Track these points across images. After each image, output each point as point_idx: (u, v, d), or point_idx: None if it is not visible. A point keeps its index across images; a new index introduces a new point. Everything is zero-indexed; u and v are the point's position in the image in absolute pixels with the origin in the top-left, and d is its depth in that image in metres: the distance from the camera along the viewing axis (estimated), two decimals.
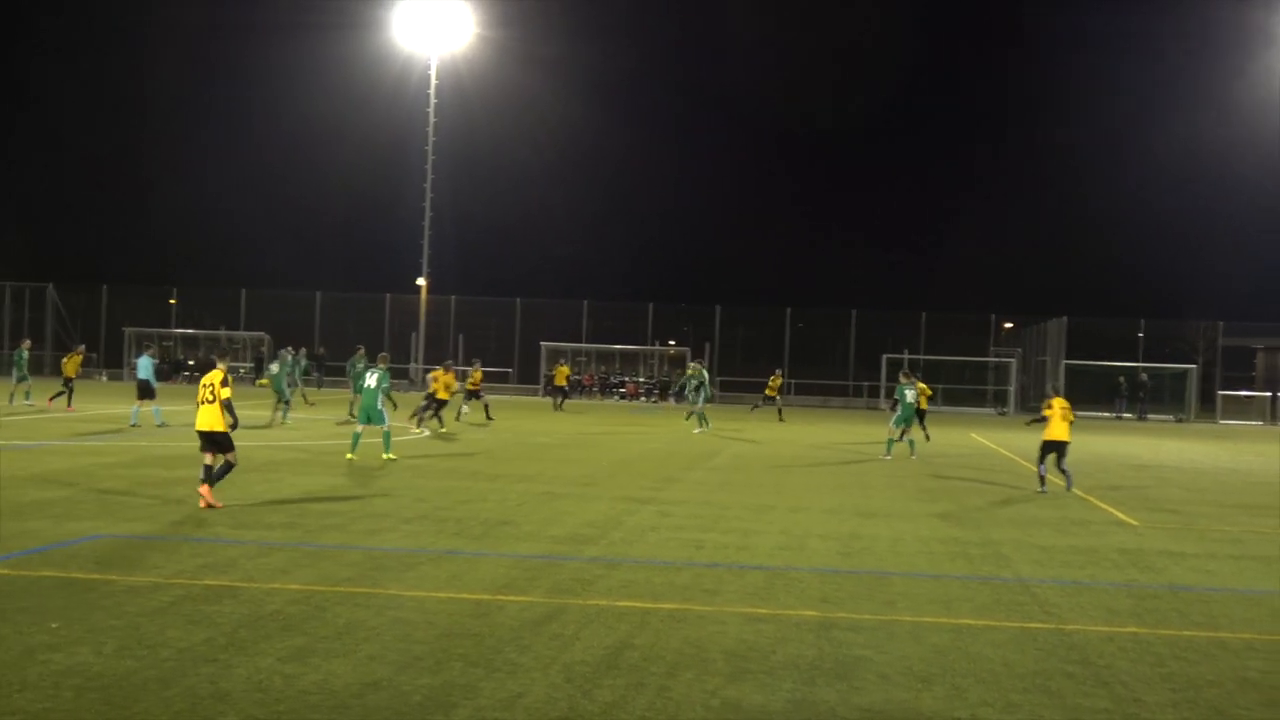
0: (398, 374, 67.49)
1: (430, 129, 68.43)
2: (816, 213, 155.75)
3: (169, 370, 65.85)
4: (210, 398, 16.89)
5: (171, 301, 75.92)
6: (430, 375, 34.84)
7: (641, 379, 67.55)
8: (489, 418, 37.69)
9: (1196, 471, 29.84)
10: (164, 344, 69.63)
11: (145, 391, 31.44)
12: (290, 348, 39.46)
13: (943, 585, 13.06)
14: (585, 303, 73.26)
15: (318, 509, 16.91)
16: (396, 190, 78.11)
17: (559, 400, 50.40)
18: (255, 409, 35.12)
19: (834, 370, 52.98)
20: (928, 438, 35.76)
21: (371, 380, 24.48)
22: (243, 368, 69.07)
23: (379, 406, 24.25)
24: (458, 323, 72.81)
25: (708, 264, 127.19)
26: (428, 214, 68.78)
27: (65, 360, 37.93)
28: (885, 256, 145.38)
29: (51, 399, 36.53)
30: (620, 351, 68.83)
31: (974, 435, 39.31)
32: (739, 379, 68.13)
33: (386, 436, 24.46)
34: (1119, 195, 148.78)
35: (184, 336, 70.86)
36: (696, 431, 37.16)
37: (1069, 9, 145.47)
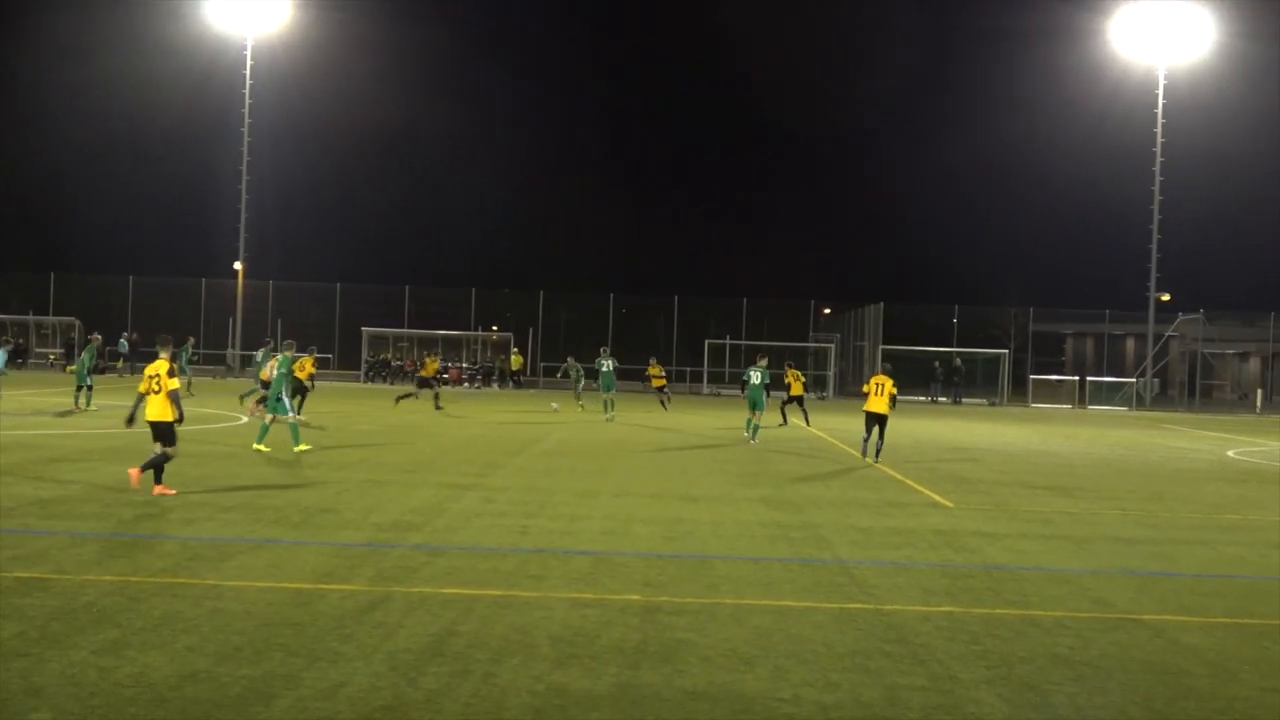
0: (216, 360, 66.30)
1: (246, 110, 67.26)
2: (640, 198, 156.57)
3: None
4: (156, 388, 16.84)
5: None
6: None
7: (465, 365, 67.19)
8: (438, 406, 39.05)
9: (1009, 454, 30.64)
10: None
11: None
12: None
13: (764, 568, 13.21)
14: (407, 288, 72.71)
15: (132, 499, 16.49)
16: (212, 173, 76.75)
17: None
18: (61, 396, 34.27)
19: (657, 356, 53.62)
20: (807, 422, 38.14)
21: (277, 369, 23.84)
22: (52, 354, 67.22)
23: (280, 397, 23.65)
24: (276, 308, 71.69)
25: (531, 249, 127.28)
26: (244, 197, 67.68)
27: None
28: (707, 243, 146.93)
29: None
30: (444, 337, 68.37)
31: (795, 419, 39.80)
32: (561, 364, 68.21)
33: (294, 429, 23.65)
34: (934, 185, 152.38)
35: None
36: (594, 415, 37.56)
37: (886, 4, 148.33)
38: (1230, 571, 14.32)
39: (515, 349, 66.64)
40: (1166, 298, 70.48)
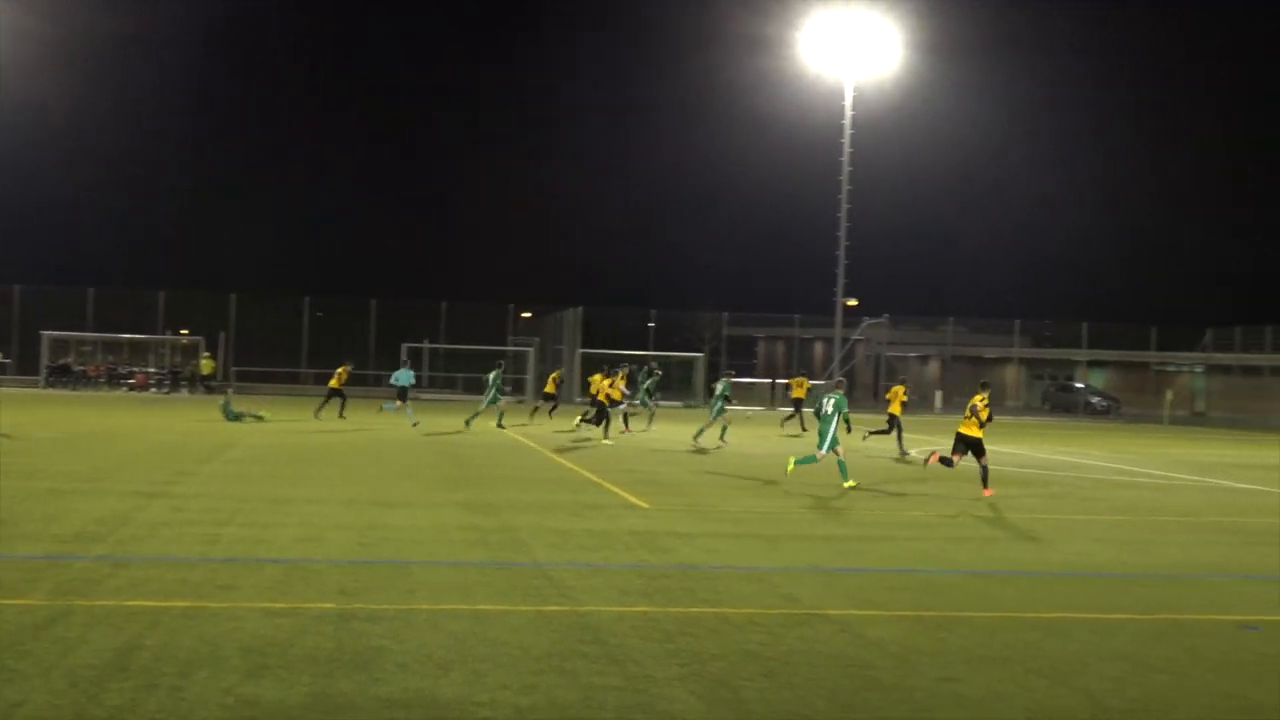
0: None
1: None
2: (339, 198, 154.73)
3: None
4: (969, 415, 22.43)
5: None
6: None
7: (152, 369, 65.08)
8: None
9: (701, 454, 31.24)
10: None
11: None
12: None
13: (461, 572, 13.17)
14: (90, 290, 69.98)
15: None
16: None
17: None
18: None
19: (354, 359, 52.55)
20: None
21: (829, 406, 23.44)
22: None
23: (833, 432, 23.27)
24: None
25: (223, 249, 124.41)
26: None
27: None
28: (405, 246, 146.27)
29: None
30: (129, 341, 66.04)
31: (491, 423, 39.81)
32: (258, 369, 67.03)
33: (841, 465, 23.46)
34: (628, 193, 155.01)
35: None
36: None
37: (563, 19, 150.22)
38: (913, 566, 14.90)
39: (206, 353, 64.82)
40: (853, 302, 73.10)
